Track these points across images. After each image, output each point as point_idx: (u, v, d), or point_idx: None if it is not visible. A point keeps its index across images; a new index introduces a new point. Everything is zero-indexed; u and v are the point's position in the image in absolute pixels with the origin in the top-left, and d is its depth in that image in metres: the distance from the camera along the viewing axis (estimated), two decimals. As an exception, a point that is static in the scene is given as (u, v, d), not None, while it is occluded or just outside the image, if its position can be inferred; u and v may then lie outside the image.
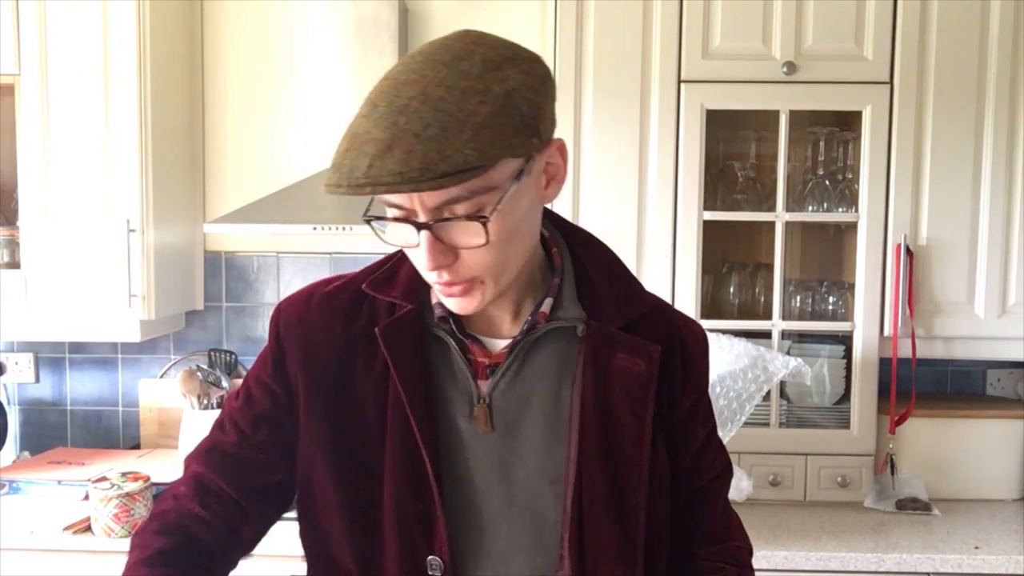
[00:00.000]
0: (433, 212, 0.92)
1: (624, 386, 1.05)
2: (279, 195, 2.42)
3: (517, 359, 1.06)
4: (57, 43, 2.33)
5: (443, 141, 0.86)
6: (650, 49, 2.29)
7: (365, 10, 2.47)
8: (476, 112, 0.87)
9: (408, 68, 0.92)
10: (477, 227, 0.92)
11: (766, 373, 2.15)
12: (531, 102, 0.92)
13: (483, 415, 1.05)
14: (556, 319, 1.06)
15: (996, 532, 2.20)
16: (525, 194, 0.96)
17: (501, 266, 0.98)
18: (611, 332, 1.07)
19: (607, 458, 1.05)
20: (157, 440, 2.68)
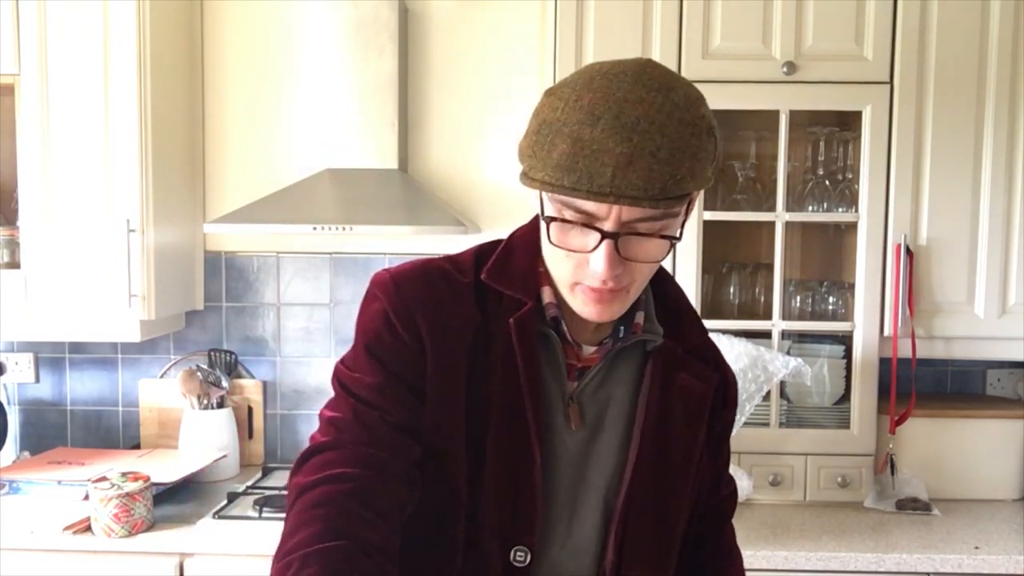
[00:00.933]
0: (624, 225, 0.96)
1: (684, 403, 1.14)
2: (279, 195, 2.42)
3: (606, 364, 1.12)
4: (57, 43, 2.33)
5: (673, 165, 0.93)
6: (650, 49, 2.29)
7: (365, 10, 2.47)
8: (691, 144, 0.94)
9: (621, 87, 0.95)
10: (664, 244, 0.99)
11: (766, 373, 2.15)
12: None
13: (576, 414, 1.11)
14: (646, 332, 1.14)
15: (996, 532, 2.20)
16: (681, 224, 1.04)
17: (644, 281, 1.06)
18: (679, 352, 1.15)
19: (659, 465, 1.13)
20: (157, 440, 2.68)
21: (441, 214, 2.38)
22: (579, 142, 0.93)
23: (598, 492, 1.12)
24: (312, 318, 2.73)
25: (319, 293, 2.73)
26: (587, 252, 0.98)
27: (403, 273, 1.12)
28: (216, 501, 2.32)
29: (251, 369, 2.75)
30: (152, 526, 2.15)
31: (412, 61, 2.65)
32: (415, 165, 2.67)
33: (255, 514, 2.21)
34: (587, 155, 0.92)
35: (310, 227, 2.31)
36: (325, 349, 2.73)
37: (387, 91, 2.50)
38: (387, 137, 2.50)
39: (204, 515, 2.22)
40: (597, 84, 0.95)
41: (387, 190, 2.45)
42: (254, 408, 2.71)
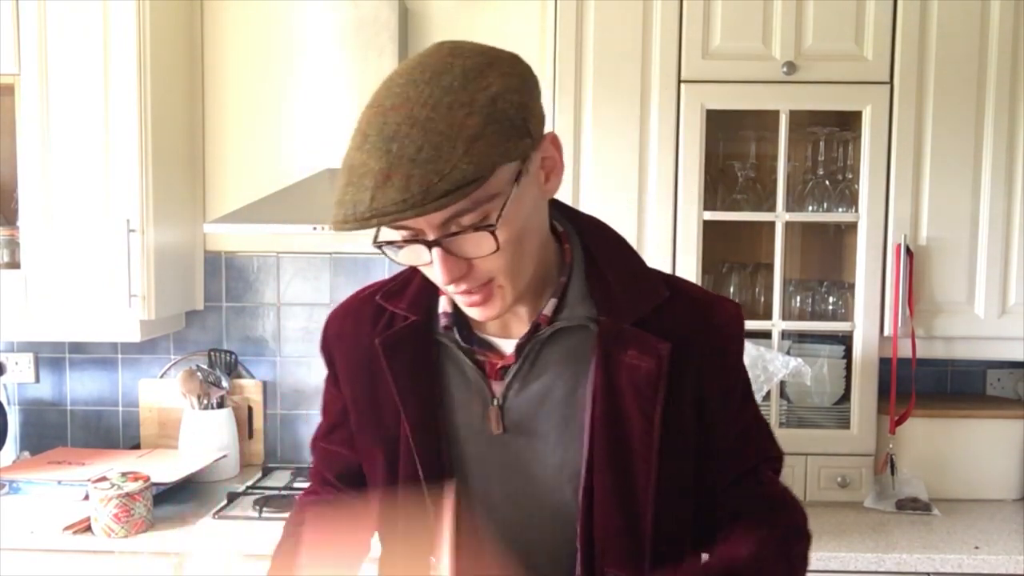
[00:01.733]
0: (440, 228, 0.93)
1: (633, 384, 1.05)
2: (279, 195, 2.42)
3: (527, 361, 1.07)
4: (57, 43, 2.33)
5: (438, 161, 0.87)
6: (650, 49, 2.29)
7: (365, 10, 2.47)
8: (465, 125, 0.88)
9: (391, 92, 0.92)
10: (486, 236, 0.93)
11: (766, 373, 2.15)
12: (517, 104, 0.93)
13: (495, 416, 1.08)
14: (560, 320, 1.07)
15: (996, 532, 2.20)
16: (527, 194, 0.97)
17: (515, 267, 0.99)
18: (621, 329, 1.06)
19: (616, 456, 1.06)
20: (157, 440, 2.68)
21: (441, 214, 2.37)
22: (351, 170, 0.90)
23: (549, 493, 1.09)
24: (312, 318, 2.73)
25: (319, 293, 2.73)
26: (428, 264, 0.96)
27: (333, 312, 1.22)
28: (216, 501, 2.32)
29: (251, 369, 2.75)
30: (152, 526, 2.15)
31: (412, 61, 2.65)
32: (415, 165, 2.67)
33: (255, 514, 2.21)
34: (354, 183, 0.89)
35: (310, 227, 2.31)
36: (325, 349, 2.73)
37: (387, 91, 2.49)
38: (387, 137, 2.50)
39: (204, 515, 2.22)
40: (376, 97, 0.94)
41: (387, 190, 2.44)
42: (254, 408, 2.71)
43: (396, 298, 1.13)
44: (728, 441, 1.13)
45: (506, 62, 0.95)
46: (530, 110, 0.95)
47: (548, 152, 1.00)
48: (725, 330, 1.12)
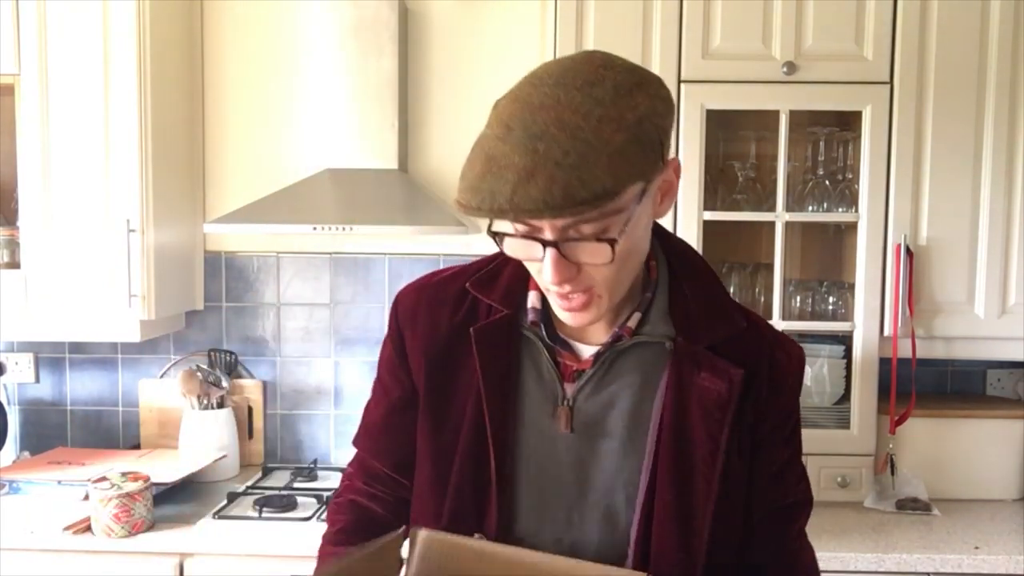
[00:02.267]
0: (561, 231, 0.95)
1: (703, 406, 1.08)
2: (279, 195, 2.42)
3: (602, 368, 1.10)
4: (57, 43, 2.33)
5: (582, 169, 0.89)
6: (650, 49, 2.29)
7: (365, 10, 2.47)
8: (611, 140, 0.90)
9: (540, 91, 0.93)
10: (604, 247, 0.96)
11: (766, 373, 2.15)
12: (659, 127, 0.95)
13: (564, 416, 1.11)
14: (642, 334, 1.10)
15: (996, 532, 2.20)
16: (644, 212, 1.00)
17: (617, 280, 1.03)
18: (697, 351, 1.09)
19: (680, 473, 1.08)
20: (157, 440, 2.68)
21: (441, 214, 2.38)
22: (491, 160, 0.92)
23: (604, 496, 1.11)
24: (312, 318, 2.73)
25: (319, 293, 2.73)
26: (539, 261, 0.98)
27: (406, 288, 1.23)
28: (216, 501, 2.32)
29: (251, 369, 2.75)
30: (152, 526, 2.15)
31: (412, 61, 2.65)
32: (415, 165, 2.67)
33: (255, 514, 2.21)
34: (494, 172, 0.91)
35: (310, 227, 2.31)
36: (325, 349, 2.73)
37: (387, 91, 2.50)
38: (387, 137, 2.50)
39: (204, 515, 2.22)
40: (522, 91, 0.95)
41: (387, 190, 2.45)
42: (254, 408, 2.71)
43: (487, 288, 1.15)
44: (766, 476, 1.15)
45: (654, 84, 0.98)
46: (668, 135, 0.98)
47: (669, 175, 1.02)
48: (787, 368, 1.15)
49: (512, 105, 0.94)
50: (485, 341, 1.12)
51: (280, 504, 2.26)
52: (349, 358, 2.72)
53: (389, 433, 1.22)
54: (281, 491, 2.39)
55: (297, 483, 2.48)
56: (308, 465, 2.62)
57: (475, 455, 1.11)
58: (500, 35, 2.65)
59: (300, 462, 2.72)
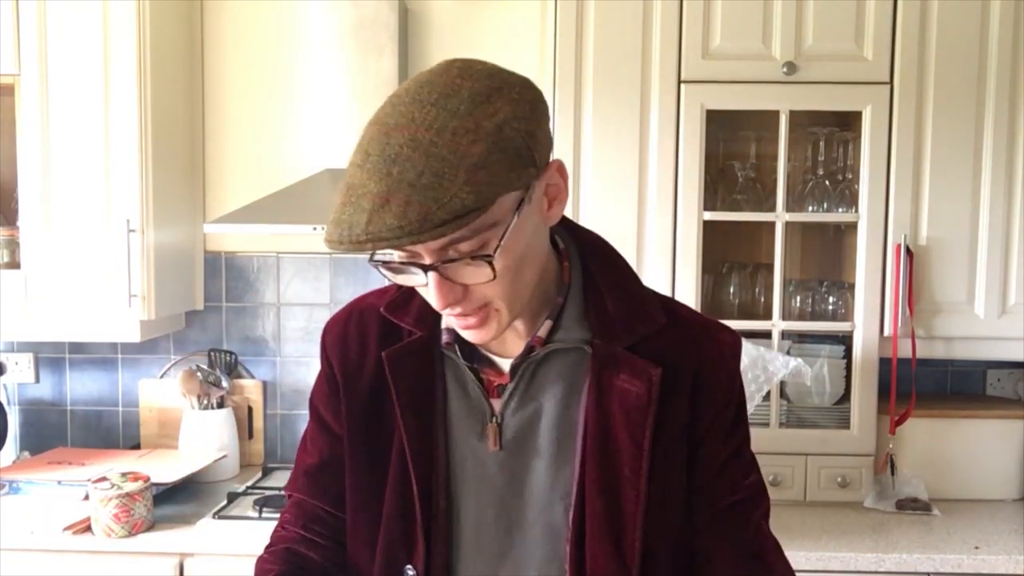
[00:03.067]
0: (438, 253, 0.92)
1: (624, 408, 1.04)
2: (279, 195, 2.42)
3: (523, 380, 1.07)
4: (57, 43, 2.33)
5: (438, 188, 0.85)
6: (650, 49, 2.29)
7: (365, 10, 2.47)
8: (469, 153, 0.86)
9: (396, 111, 0.90)
10: (483, 266, 0.92)
11: (766, 373, 2.15)
12: (524, 132, 0.91)
13: (493, 433, 1.08)
14: (554, 341, 1.06)
15: (996, 532, 2.20)
16: (527, 222, 0.96)
17: (512, 293, 0.98)
18: (615, 352, 1.05)
19: (606, 479, 1.04)
20: (157, 440, 2.68)
21: (441, 214, 2.37)
22: (350, 189, 0.88)
23: (549, 509, 1.08)
24: (312, 318, 2.73)
25: (319, 293, 2.73)
26: (424, 286, 0.96)
27: (333, 318, 1.22)
28: (216, 501, 2.32)
29: (251, 369, 2.75)
30: (152, 526, 2.16)
31: (412, 61, 2.65)
32: (415, 165, 2.67)
33: (255, 514, 2.21)
34: (352, 202, 0.87)
35: (310, 227, 2.31)
36: (325, 349, 2.73)
37: (387, 91, 2.45)
38: (387, 137, 2.50)
39: (204, 515, 2.22)
40: (381, 112, 0.92)
41: (387, 190, 2.44)
42: (254, 408, 2.71)
43: (401, 311, 1.11)
44: (708, 474, 1.10)
45: (516, 87, 0.93)
46: (536, 138, 0.93)
47: (553, 180, 0.98)
48: (717, 359, 1.10)
49: (371, 128, 0.92)
50: (399, 366, 1.09)
51: (280, 504, 2.25)
52: (349, 358, 2.72)
53: (329, 470, 1.16)
54: (281, 491, 2.38)
55: (297, 483, 2.48)
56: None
57: (400, 486, 1.08)
58: (500, 35, 2.65)
59: (300, 462, 2.72)
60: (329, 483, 1.16)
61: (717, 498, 1.10)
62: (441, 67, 0.94)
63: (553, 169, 0.98)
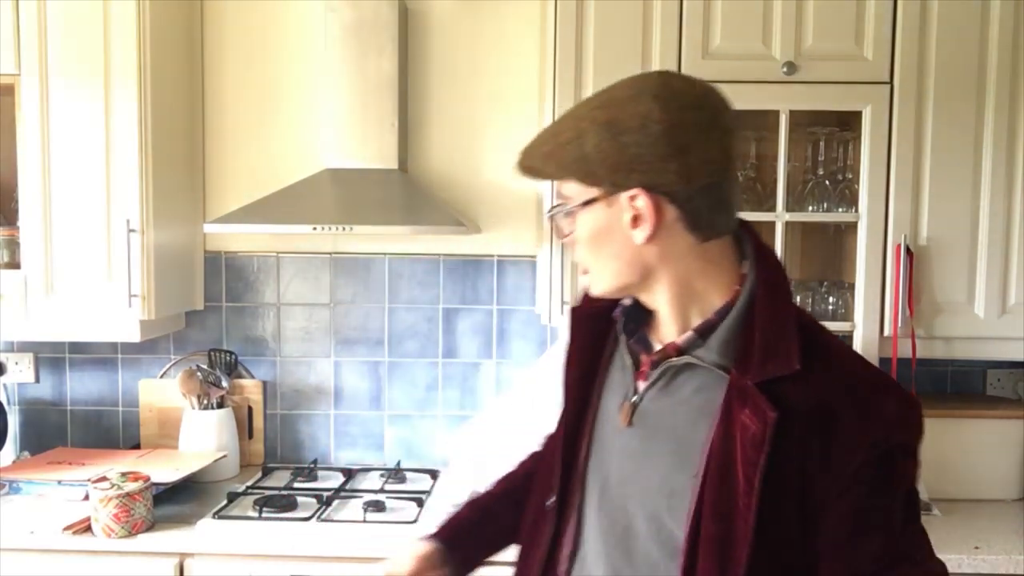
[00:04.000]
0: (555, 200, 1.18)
1: (743, 442, 1.06)
2: (279, 195, 2.42)
3: (666, 376, 1.15)
4: (57, 43, 2.33)
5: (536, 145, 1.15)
6: (650, 49, 2.29)
7: (365, 10, 2.47)
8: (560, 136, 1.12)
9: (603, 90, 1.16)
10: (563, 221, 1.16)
11: (766, 373, 2.15)
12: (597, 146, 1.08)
13: (627, 411, 1.18)
14: (692, 355, 1.12)
15: (996, 532, 2.20)
16: (601, 220, 1.12)
17: (592, 268, 1.16)
18: (746, 385, 1.07)
19: (723, 504, 1.06)
20: (157, 440, 2.68)
21: (441, 214, 2.38)
22: None
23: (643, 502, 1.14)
24: (312, 318, 2.73)
25: (319, 293, 2.73)
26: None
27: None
28: (216, 501, 2.32)
29: (251, 369, 2.75)
30: (152, 526, 2.16)
31: (412, 61, 2.65)
32: (415, 165, 2.67)
33: (255, 514, 2.21)
34: None
35: (310, 227, 2.31)
36: (325, 349, 2.73)
37: (387, 91, 2.50)
38: (387, 137, 2.50)
39: (204, 515, 2.22)
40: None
41: (387, 190, 2.45)
42: (254, 408, 2.71)
43: None
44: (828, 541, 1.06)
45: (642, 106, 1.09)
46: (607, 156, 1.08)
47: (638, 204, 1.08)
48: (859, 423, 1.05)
49: None
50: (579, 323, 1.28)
51: (280, 504, 2.26)
52: (349, 358, 2.72)
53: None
54: (281, 491, 2.39)
55: (297, 483, 2.48)
56: (308, 465, 2.62)
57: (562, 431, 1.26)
58: (500, 35, 2.65)
59: (300, 462, 2.72)
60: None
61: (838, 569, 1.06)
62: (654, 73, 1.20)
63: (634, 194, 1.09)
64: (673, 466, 1.12)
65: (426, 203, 2.44)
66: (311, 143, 2.65)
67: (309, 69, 2.66)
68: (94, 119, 2.34)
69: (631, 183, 1.08)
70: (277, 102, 2.69)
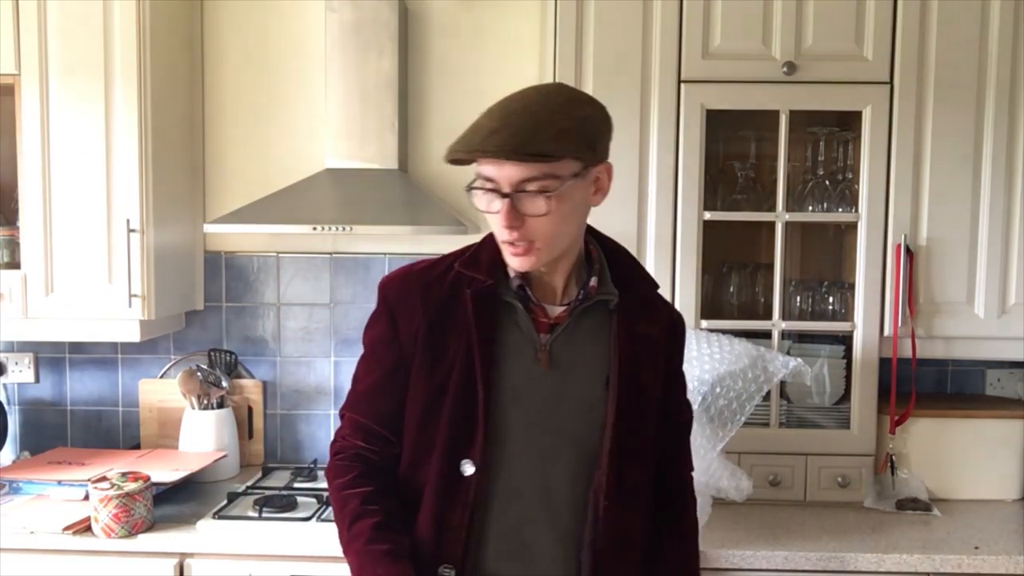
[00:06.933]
0: (513, 186, 1.33)
1: (645, 345, 1.50)
2: (279, 195, 2.42)
3: (573, 319, 1.47)
4: (57, 43, 2.33)
5: (535, 133, 1.29)
6: (650, 49, 2.29)
7: (365, 10, 2.47)
8: (559, 123, 1.31)
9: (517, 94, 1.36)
10: (541, 200, 1.33)
11: (766, 373, 2.15)
12: (596, 130, 1.37)
13: (545, 358, 1.46)
14: (602, 293, 1.48)
15: (996, 532, 2.20)
16: (579, 191, 1.38)
17: (553, 237, 1.38)
18: (634, 306, 1.50)
19: (635, 394, 1.48)
20: (157, 440, 2.69)
21: (441, 214, 2.38)
22: (472, 127, 1.34)
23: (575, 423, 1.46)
24: (312, 318, 2.73)
25: (319, 293, 2.73)
26: (495, 213, 1.35)
27: (392, 276, 1.56)
28: (216, 501, 2.32)
29: (251, 369, 2.75)
30: (152, 526, 2.15)
31: (412, 61, 2.65)
32: (415, 165, 2.67)
33: (255, 514, 2.21)
34: (472, 130, 1.33)
35: (310, 227, 2.31)
36: (325, 349, 2.73)
37: (387, 91, 2.50)
38: (387, 137, 2.50)
39: (204, 515, 2.22)
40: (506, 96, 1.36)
41: (387, 190, 2.45)
42: (254, 408, 2.71)
43: (473, 267, 1.48)
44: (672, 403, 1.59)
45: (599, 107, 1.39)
46: (601, 138, 1.39)
47: (602, 175, 1.42)
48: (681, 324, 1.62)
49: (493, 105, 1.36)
50: (478, 301, 1.45)
51: (280, 504, 2.26)
52: (349, 358, 2.72)
53: (382, 395, 1.50)
54: (281, 491, 2.39)
55: (297, 483, 2.48)
56: (308, 465, 2.62)
57: (465, 390, 1.42)
58: (500, 35, 2.65)
59: (300, 462, 2.72)
60: (381, 405, 1.50)
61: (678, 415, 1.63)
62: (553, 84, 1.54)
63: (605, 167, 1.42)
64: (589, 386, 1.47)
65: (426, 203, 2.44)
66: (311, 143, 2.65)
67: (309, 69, 2.66)
68: (94, 119, 2.34)
69: (605, 157, 1.41)
70: (277, 102, 2.69)
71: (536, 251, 1.38)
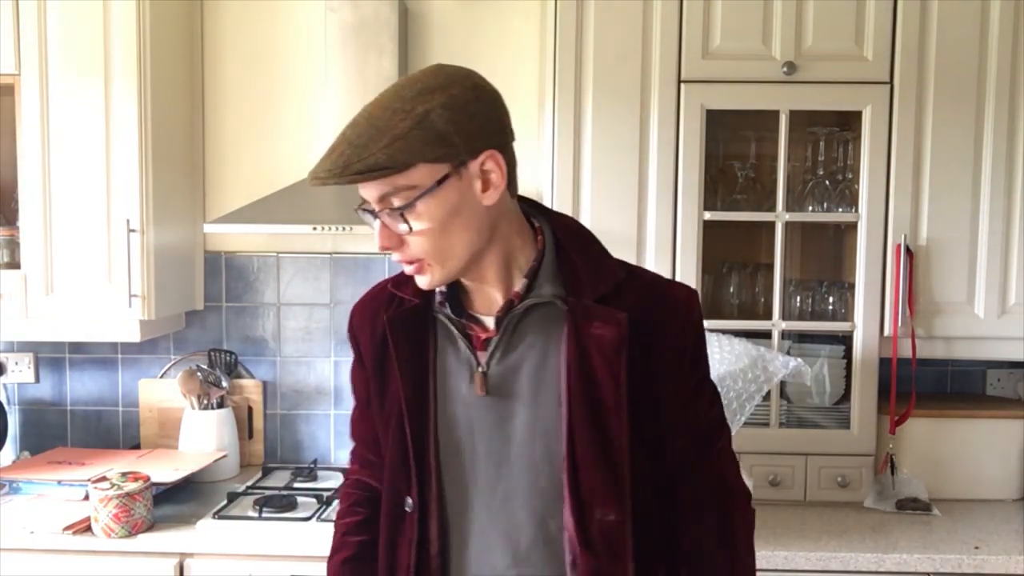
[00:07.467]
0: (378, 204, 1.16)
1: (600, 350, 1.22)
2: (279, 195, 2.42)
3: (506, 333, 1.26)
4: (57, 43, 2.33)
5: (363, 148, 1.10)
6: (650, 49, 2.29)
7: (365, 10, 2.47)
8: (396, 127, 1.10)
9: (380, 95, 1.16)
10: (398, 216, 1.15)
11: (766, 373, 2.15)
12: (449, 120, 1.12)
13: (480, 381, 1.27)
14: (531, 297, 1.25)
15: (996, 532, 2.20)
16: (454, 195, 1.16)
17: (441, 252, 1.19)
18: (587, 305, 1.24)
19: (593, 412, 1.23)
20: (157, 440, 2.69)
21: (441, 214, 2.37)
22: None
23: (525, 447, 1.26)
24: (312, 318, 2.73)
25: (319, 293, 2.73)
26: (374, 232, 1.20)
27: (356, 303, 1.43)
28: (216, 501, 2.32)
29: (251, 369, 2.75)
30: (152, 526, 2.16)
31: (412, 61, 2.65)
32: (415, 165, 2.67)
33: (255, 514, 2.21)
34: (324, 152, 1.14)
35: (310, 227, 2.31)
36: (325, 349, 2.73)
37: (387, 91, 2.49)
38: (387, 137, 2.50)
39: (204, 515, 2.22)
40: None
41: (387, 190, 2.44)
42: (254, 408, 2.71)
43: (404, 286, 1.31)
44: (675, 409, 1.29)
45: (462, 85, 1.15)
46: (461, 127, 1.14)
47: (488, 167, 1.17)
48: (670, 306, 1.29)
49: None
50: (397, 328, 1.29)
51: (280, 504, 2.26)
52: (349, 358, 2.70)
53: (365, 423, 1.42)
54: (281, 491, 2.39)
55: (297, 483, 2.48)
56: (308, 465, 2.62)
57: (399, 431, 1.29)
58: (500, 35, 2.65)
59: (300, 462, 2.72)
60: (366, 433, 1.42)
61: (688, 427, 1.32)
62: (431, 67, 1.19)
63: (486, 157, 1.17)
64: (539, 406, 1.25)
65: (426, 203, 2.43)
66: (311, 143, 2.65)
67: (309, 69, 2.66)
68: (94, 119, 2.34)
69: (484, 147, 1.16)
70: (277, 102, 2.69)
71: (429, 269, 1.20)
